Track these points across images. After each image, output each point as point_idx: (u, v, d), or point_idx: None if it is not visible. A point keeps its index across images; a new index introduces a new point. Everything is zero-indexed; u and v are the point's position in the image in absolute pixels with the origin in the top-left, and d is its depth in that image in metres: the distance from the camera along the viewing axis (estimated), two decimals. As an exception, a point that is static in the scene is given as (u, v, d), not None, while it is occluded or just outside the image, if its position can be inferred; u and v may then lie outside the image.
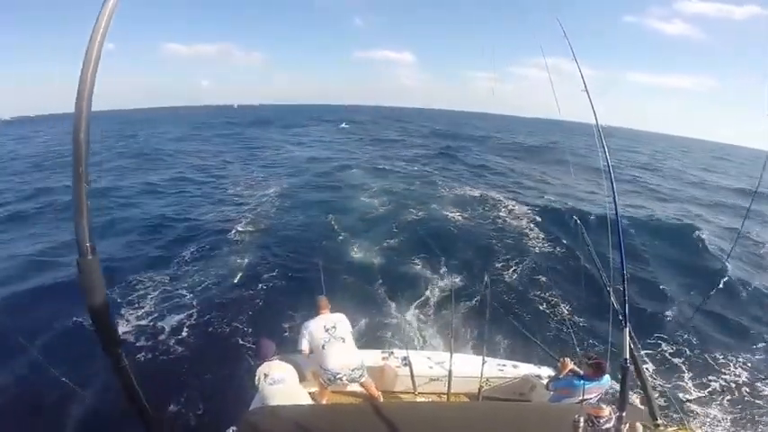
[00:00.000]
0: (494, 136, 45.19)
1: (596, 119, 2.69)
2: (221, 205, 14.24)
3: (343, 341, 3.88)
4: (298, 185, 17.15)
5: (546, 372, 4.44)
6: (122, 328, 6.72)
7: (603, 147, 2.59)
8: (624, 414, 1.91)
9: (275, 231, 11.71)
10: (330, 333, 3.86)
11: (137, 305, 7.54)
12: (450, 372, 4.03)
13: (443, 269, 9.36)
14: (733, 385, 6.67)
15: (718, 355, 7.39)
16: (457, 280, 8.83)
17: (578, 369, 3.64)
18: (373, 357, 4.42)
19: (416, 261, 9.77)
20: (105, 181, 16.30)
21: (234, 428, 3.61)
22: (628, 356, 2.12)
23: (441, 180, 18.76)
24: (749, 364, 7.28)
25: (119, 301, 7.38)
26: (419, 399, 4.22)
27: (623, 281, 2.26)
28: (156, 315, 7.31)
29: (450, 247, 10.70)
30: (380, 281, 8.58)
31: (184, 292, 8.13)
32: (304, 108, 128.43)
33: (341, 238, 11.13)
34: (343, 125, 50.30)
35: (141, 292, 8.01)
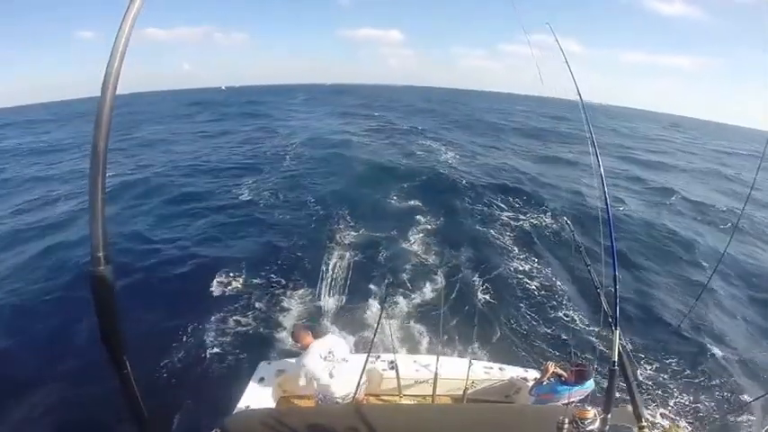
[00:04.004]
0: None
1: (581, 99, 2.62)
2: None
3: (346, 361, 3.68)
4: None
5: (532, 374, 4.42)
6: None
7: (592, 136, 2.53)
8: (609, 416, 1.86)
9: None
10: (330, 360, 3.58)
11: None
12: (435, 374, 4.00)
13: (433, 272, 9.29)
14: (720, 386, 6.71)
15: (705, 357, 7.42)
16: (445, 283, 8.73)
17: (562, 372, 3.62)
18: (360, 361, 4.39)
19: (400, 263, 9.67)
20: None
21: (217, 430, 3.56)
22: (616, 359, 2.08)
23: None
24: (736, 365, 7.33)
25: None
26: (404, 401, 4.17)
27: (615, 282, 2.22)
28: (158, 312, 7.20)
29: (436, 249, 10.66)
30: (367, 283, 8.46)
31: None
32: (294, 88, 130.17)
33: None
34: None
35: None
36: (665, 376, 6.68)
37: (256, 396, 3.83)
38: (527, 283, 9.37)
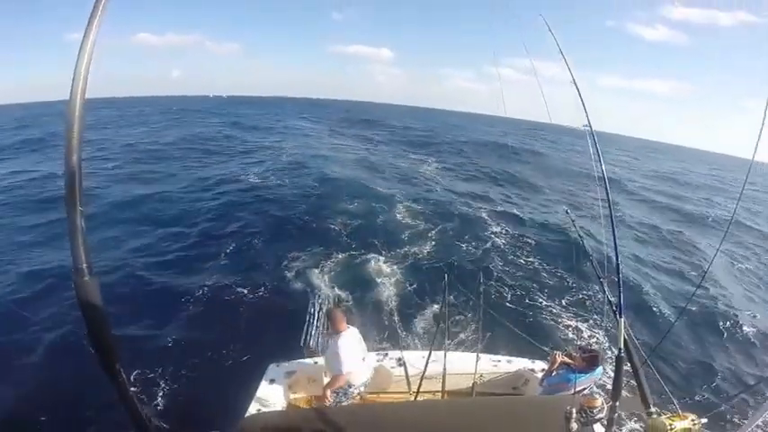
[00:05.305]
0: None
1: (587, 113, 2.67)
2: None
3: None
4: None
5: (540, 365, 4.44)
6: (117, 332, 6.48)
7: (593, 134, 2.58)
8: (617, 404, 1.89)
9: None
10: (363, 349, 3.84)
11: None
12: (444, 369, 4.01)
13: (434, 266, 9.31)
14: (727, 371, 6.73)
15: (711, 343, 7.45)
16: (448, 279, 8.70)
17: (569, 360, 3.63)
18: (368, 360, 4.40)
19: (405, 260, 9.70)
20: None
21: None
22: (622, 347, 2.10)
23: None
24: (743, 350, 7.35)
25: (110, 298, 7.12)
26: (414, 398, 4.19)
27: (617, 271, 2.24)
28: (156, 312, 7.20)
29: (438, 242, 10.68)
30: (371, 284, 8.50)
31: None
32: (282, 100, 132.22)
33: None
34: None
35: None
36: (669, 364, 6.71)
37: (267, 399, 3.82)
38: (530, 275, 9.40)
